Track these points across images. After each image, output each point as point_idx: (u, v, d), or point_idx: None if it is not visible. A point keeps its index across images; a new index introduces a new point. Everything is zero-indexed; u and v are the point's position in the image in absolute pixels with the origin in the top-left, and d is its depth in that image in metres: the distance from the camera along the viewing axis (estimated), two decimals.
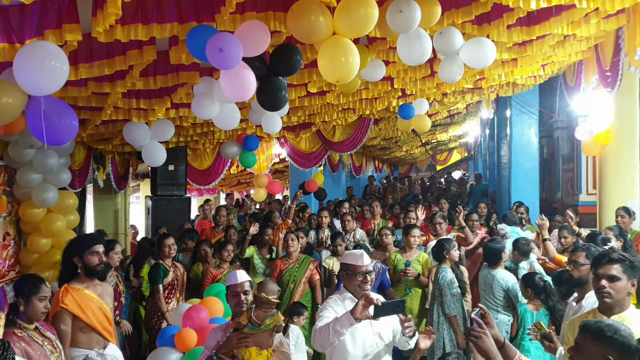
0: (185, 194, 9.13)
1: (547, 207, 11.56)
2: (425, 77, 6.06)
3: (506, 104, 11.24)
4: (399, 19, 3.65)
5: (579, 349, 2.27)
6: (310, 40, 3.46)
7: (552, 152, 12.29)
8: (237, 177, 14.81)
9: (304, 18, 3.25)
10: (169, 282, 5.86)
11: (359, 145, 9.48)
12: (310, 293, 6.13)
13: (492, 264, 5.43)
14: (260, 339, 3.35)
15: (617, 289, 2.82)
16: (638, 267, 2.84)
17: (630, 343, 2.19)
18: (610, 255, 2.87)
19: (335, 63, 3.42)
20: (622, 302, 2.83)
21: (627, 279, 2.81)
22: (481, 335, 2.44)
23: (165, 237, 6.06)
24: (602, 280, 2.85)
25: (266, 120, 5.90)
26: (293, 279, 6.05)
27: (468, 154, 27.57)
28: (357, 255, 3.51)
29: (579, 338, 2.29)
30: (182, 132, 7.45)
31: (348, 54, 3.38)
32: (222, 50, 3.32)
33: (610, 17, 5.12)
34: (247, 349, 3.30)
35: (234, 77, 3.59)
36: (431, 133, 16.77)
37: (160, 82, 4.57)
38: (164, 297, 5.79)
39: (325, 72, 3.50)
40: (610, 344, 2.18)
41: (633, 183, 7.15)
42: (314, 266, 6.15)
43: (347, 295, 3.46)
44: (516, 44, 5.37)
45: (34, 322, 3.33)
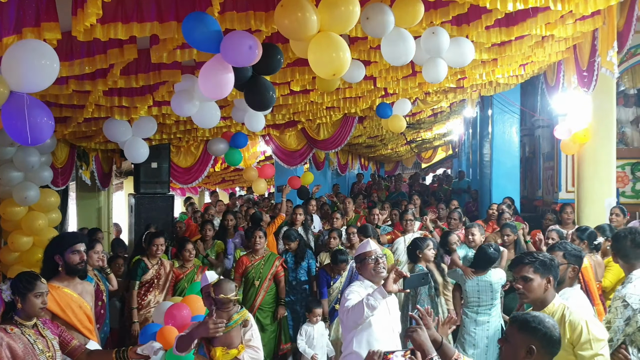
0: (168, 192, 9.10)
1: (528, 204, 11.73)
2: (407, 76, 6.13)
3: (488, 103, 11.37)
4: (368, 25, 3.75)
5: (507, 339, 2.42)
6: (298, 37, 3.50)
7: (533, 151, 12.45)
8: (222, 174, 14.79)
9: (292, 15, 3.29)
10: (148, 280, 5.89)
11: (343, 143, 9.51)
12: (275, 289, 6.20)
13: (482, 268, 5.24)
14: (228, 339, 3.43)
15: (530, 288, 2.99)
16: (551, 264, 3.01)
17: (553, 334, 2.34)
18: (521, 259, 3.07)
19: (327, 58, 3.46)
20: (543, 298, 3.00)
21: (540, 277, 2.98)
22: (416, 330, 2.63)
23: (156, 236, 6.07)
24: (518, 282, 3.04)
25: (249, 118, 5.92)
26: (259, 275, 6.12)
27: (452, 151, 27.76)
28: (365, 244, 4.04)
29: (508, 329, 2.46)
30: (165, 130, 7.44)
31: (339, 49, 3.43)
32: (251, 47, 3.42)
33: (586, 18, 5.23)
34: (214, 348, 3.37)
35: (212, 74, 3.61)
36: (416, 131, 16.87)
37: (141, 80, 4.58)
38: (140, 293, 5.83)
39: (317, 67, 3.53)
40: (534, 334, 2.34)
41: (609, 181, 7.30)
42: (279, 262, 6.22)
43: (367, 284, 3.84)
44: (495, 45, 5.46)
45: (33, 319, 3.33)
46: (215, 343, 3.47)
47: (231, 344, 3.47)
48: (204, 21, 3.35)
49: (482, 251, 5.22)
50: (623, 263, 3.75)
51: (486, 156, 11.95)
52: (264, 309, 6.17)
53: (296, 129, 9.11)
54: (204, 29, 3.34)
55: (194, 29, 3.34)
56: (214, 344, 3.48)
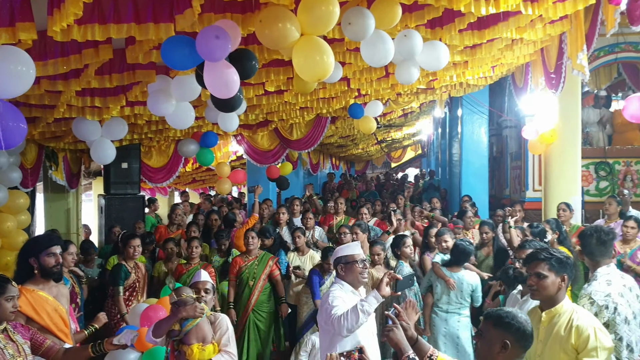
0: (139, 193, 8.99)
1: (495, 203, 11.96)
2: (381, 78, 6.21)
3: (458, 104, 11.56)
4: (350, 30, 3.79)
5: (482, 335, 2.48)
6: (281, 46, 3.52)
7: (501, 150, 12.70)
8: (192, 174, 14.66)
9: (272, 26, 3.31)
10: (130, 284, 5.84)
11: (316, 143, 9.54)
12: (270, 289, 6.19)
13: (457, 264, 5.32)
14: (201, 334, 3.46)
15: (544, 286, 2.98)
16: (566, 262, 2.99)
17: (525, 329, 2.41)
18: (537, 255, 3.03)
19: (311, 63, 3.47)
20: (554, 297, 2.99)
21: (555, 275, 2.96)
22: (392, 329, 2.69)
23: (132, 237, 6.01)
24: (531, 278, 3.02)
25: (222, 118, 5.91)
26: (252, 275, 6.12)
27: (422, 151, 28.10)
28: (354, 246, 3.81)
29: (483, 325, 2.50)
30: (136, 130, 7.36)
31: (323, 52, 3.45)
32: (218, 37, 3.36)
33: (555, 22, 5.39)
34: (190, 346, 3.39)
35: (218, 72, 3.61)
36: (386, 131, 17.03)
37: (115, 80, 4.53)
38: (124, 299, 5.76)
39: (302, 72, 3.54)
40: (507, 329, 2.40)
41: (575, 180, 7.52)
42: (273, 262, 6.22)
43: (347, 288, 3.69)
44: (467, 47, 5.57)
45: (3, 323, 3.26)
46: (188, 341, 3.48)
47: (205, 338, 3.50)
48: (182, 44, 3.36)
49: (457, 246, 5.31)
50: (589, 260, 3.80)
51: (455, 156, 12.15)
52: (258, 310, 6.16)
53: (269, 129, 9.11)
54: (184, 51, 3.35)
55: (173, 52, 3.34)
56: (188, 341, 3.48)
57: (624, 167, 9.47)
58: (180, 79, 4.55)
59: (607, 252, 3.74)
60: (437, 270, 5.27)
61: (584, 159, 8.37)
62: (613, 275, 3.64)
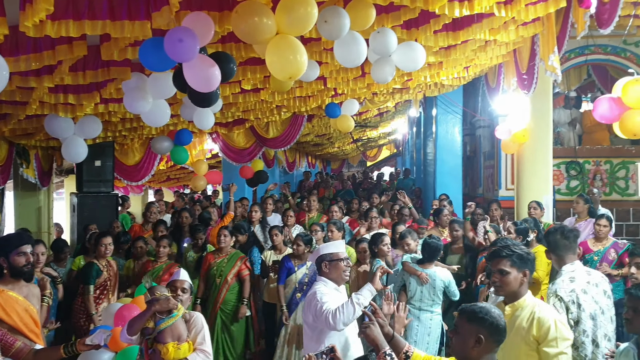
0: (112, 191, 8.89)
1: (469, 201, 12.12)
2: (357, 77, 6.24)
3: (432, 104, 11.68)
4: (325, 28, 3.81)
5: (457, 331, 2.52)
6: (256, 40, 3.52)
7: (474, 150, 12.87)
8: (167, 173, 14.53)
9: (249, 19, 3.30)
10: (101, 283, 5.78)
11: (292, 142, 9.56)
12: (239, 287, 6.17)
13: (429, 261, 5.37)
14: (176, 332, 3.46)
15: (507, 282, 3.05)
16: (527, 258, 3.08)
17: (499, 323, 2.46)
18: (499, 252, 3.12)
19: (284, 61, 3.48)
20: (517, 291, 3.08)
21: (517, 271, 3.05)
22: (369, 326, 2.73)
23: (103, 235, 5.96)
24: (494, 275, 3.11)
25: (198, 116, 5.88)
26: (220, 273, 6.10)
27: (397, 150, 28.30)
28: (339, 244, 3.97)
29: (457, 321, 2.55)
30: (109, 128, 7.28)
31: (296, 52, 3.46)
32: (182, 40, 3.34)
33: (527, 24, 5.49)
34: (165, 345, 3.38)
35: (197, 68, 3.59)
36: (362, 130, 17.12)
37: (90, 77, 4.48)
38: (95, 298, 5.70)
39: (275, 70, 3.55)
40: (481, 324, 2.44)
41: (547, 179, 7.67)
42: (242, 262, 6.19)
43: (331, 285, 3.79)
44: (442, 48, 5.64)
45: None
46: (163, 339, 3.47)
47: (180, 336, 3.49)
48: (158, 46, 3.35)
49: (428, 244, 5.36)
50: (555, 257, 3.92)
51: (430, 155, 12.28)
52: (225, 308, 6.13)
53: (244, 127, 9.09)
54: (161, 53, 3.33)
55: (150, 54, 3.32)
56: (163, 340, 3.47)
57: (594, 166, 9.68)
58: (156, 77, 4.51)
59: (571, 248, 3.83)
60: (408, 267, 5.32)
61: (555, 159, 8.52)
62: (577, 272, 3.73)
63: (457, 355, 2.55)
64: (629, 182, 9.54)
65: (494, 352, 2.49)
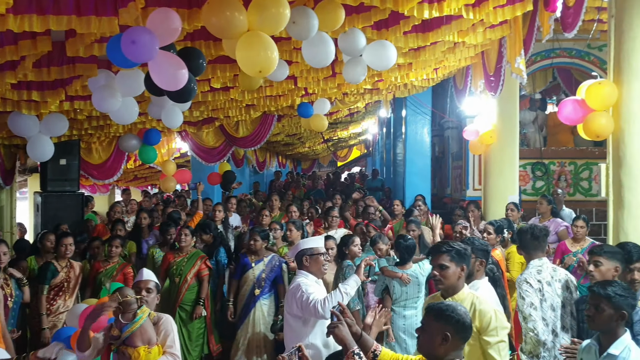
0: (78, 190, 8.71)
1: (437, 201, 12.29)
2: (327, 77, 6.25)
3: (402, 104, 11.77)
4: (294, 29, 3.81)
5: (424, 328, 2.56)
6: (227, 35, 3.49)
7: (443, 150, 13.04)
8: (134, 172, 14.32)
9: (221, 13, 3.27)
10: (57, 284, 5.69)
11: (262, 141, 9.53)
12: (198, 286, 6.12)
13: (402, 263, 5.31)
14: (146, 336, 3.41)
15: (447, 276, 3.18)
16: (465, 254, 3.23)
17: (465, 320, 2.50)
18: (439, 248, 3.26)
19: (254, 56, 3.47)
20: (455, 286, 3.20)
21: (455, 265, 3.18)
22: (337, 325, 2.75)
23: (65, 235, 5.85)
24: (435, 269, 3.24)
25: (166, 114, 5.81)
26: (179, 272, 6.04)
27: (367, 150, 28.45)
28: (318, 240, 4.23)
29: (424, 318, 2.59)
30: (75, 126, 7.13)
31: (267, 48, 3.45)
32: (134, 42, 3.29)
33: (495, 27, 5.58)
34: (136, 349, 3.33)
35: (163, 66, 3.54)
36: (332, 130, 17.15)
37: (54, 73, 4.38)
38: (49, 298, 5.63)
39: (245, 65, 3.54)
40: (448, 322, 2.48)
41: (513, 180, 7.81)
42: (202, 262, 6.14)
43: (312, 278, 4.02)
44: (411, 49, 5.69)
45: None
46: (133, 343, 3.42)
47: (150, 340, 3.44)
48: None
49: (400, 245, 5.35)
50: (525, 254, 4.20)
51: (399, 155, 12.38)
52: (185, 307, 6.07)
53: (214, 126, 9.02)
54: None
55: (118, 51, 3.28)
56: (132, 344, 3.42)
57: (559, 167, 9.90)
58: (124, 74, 4.43)
59: (540, 246, 4.09)
60: (389, 272, 5.27)
61: (521, 160, 8.69)
62: (544, 267, 4.02)
63: (424, 353, 2.57)
64: (592, 183, 9.78)
65: (460, 349, 2.51)
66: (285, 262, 6.12)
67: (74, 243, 5.95)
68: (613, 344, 2.96)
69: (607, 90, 4.49)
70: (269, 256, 6.02)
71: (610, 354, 2.95)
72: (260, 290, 5.83)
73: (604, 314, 2.98)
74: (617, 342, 2.95)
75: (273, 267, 5.96)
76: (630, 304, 2.99)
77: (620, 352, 2.92)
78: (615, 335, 2.98)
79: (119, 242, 6.29)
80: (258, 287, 5.85)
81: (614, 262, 3.71)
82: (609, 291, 2.98)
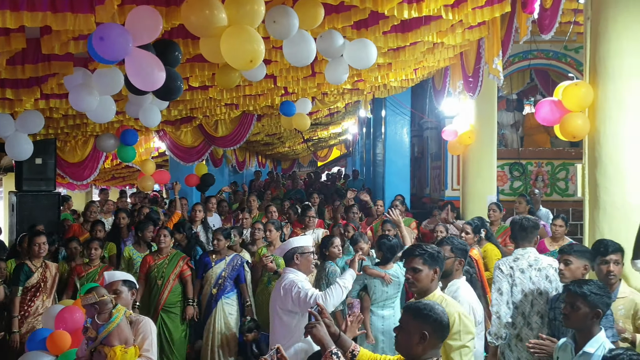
0: (54, 190, 8.58)
1: (416, 201, 12.37)
2: (307, 76, 6.24)
3: (381, 105, 11.80)
4: (274, 28, 3.80)
5: (402, 327, 2.58)
6: (207, 33, 3.47)
7: (422, 151, 13.11)
8: (112, 171, 14.14)
9: (200, 12, 3.25)
10: (34, 284, 5.60)
11: (242, 141, 9.49)
12: (181, 288, 6.07)
13: (384, 263, 5.32)
14: (122, 335, 3.39)
15: (419, 279, 3.22)
16: (438, 257, 3.26)
17: (442, 319, 2.53)
18: (412, 251, 3.30)
19: (240, 50, 3.46)
20: (427, 288, 3.24)
21: (428, 268, 3.21)
22: (315, 326, 2.77)
23: (37, 234, 5.76)
24: (408, 272, 3.28)
25: (144, 113, 5.74)
26: (161, 275, 5.98)
27: (347, 150, 28.50)
28: (307, 238, 4.41)
29: (402, 317, 2.62)
30: (51, 124, 7.02)
31: (253, 39, 3.45)
32: (102, 38, 3.25)
33: (473, 28, 5.62)
34: (112, 348, 3.31)
35: (138, 65, 3.49)
36: (312, 130, 17.15)
37: (29, 71, 4.30)
38: (26, 299, 5.55)
39: (234, 58, 3.52)
40: (425, 320, 2.50)
41: (491, 180, 7.89)
42: (184, 262, 6.10)
43: (302, 276, 4.13)
44: (391, 49, 5.71)
45: None
46: (110, 342, 3.39)
47: (127, 340, 3.42)
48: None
49: (384, 244, 5.34)
50: (514, 244, 4.48)
51: (379, 155, 12.42)
52: (168, 309, 5.99)
53: (192, 125, 8.95)
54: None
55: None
56: (109, 343, 3.39)
57: (536, 167, 10.02)
58: (101, 72, 4.37)
59: (527, 237, 4.34)
60: (371, 271, 5.25)
61: (499, 160, 8.78)
62: (525, 256, 4.28)
63: (402, 352, 2.58)
64: (568, 183, 9.91)
65: (437, 348, 2.54)
66: (247, 262, 6.15)
67: (47, 242, 5.85)
68: (589, 342, 3.00)
69: (583, 92, 4.54)
70: (230, 255, 6.07)
71: (585, 352, 2.99)
72: (218, 290, 5.91)
73: (579, 312, 3.02)
74: (593, 340, 2.99)
75: (234, 266, 6.02)
76: (605, 303, 3.03)
77: (596, 350, 2.95)
78: (591, 334, 3.02)
79: (97, 244, 6.20)
80: (215, 287, 5.92)
81: (583, 261, 3.79)
82: (585, 289, 3.02)
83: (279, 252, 4.46)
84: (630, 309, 3.80)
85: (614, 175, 4.31)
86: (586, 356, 2.98)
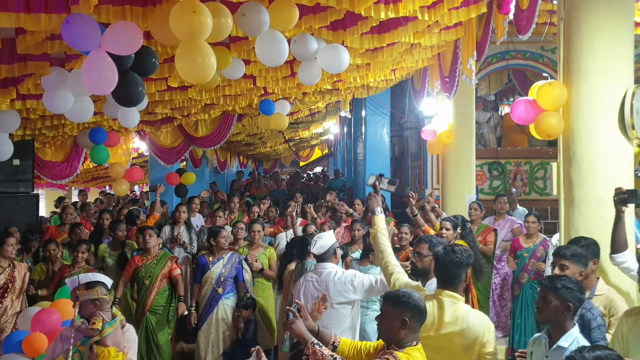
0: (32, 191, 8.49)
1: (397, 201, 12.44)
2: (286, 77, 6.25)
3: (361, 105, 11.87)
4: (243, 22, 3.83)
5: (383, 315, 2.75)
6: (172, 43, 3.50)
7: (402, 150, 13.20)
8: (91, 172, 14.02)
9: (164, 22, 3.27)
10: (1, 285, 5.56)
11: (222, 141, 9.47)
12: (169, 290, 6.03)
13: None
14: (118, 338, 3.42)
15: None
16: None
17: (420, 305, 2.73)
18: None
19: (193, 65, 3.51)
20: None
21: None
22: (294, 321, 2.90)
23: (8, 235, 5.73)
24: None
25: (122, 113, 5.71)
26: (149, 275, 5.93)
27: (329, 150, 28.53)
28: (332, 234, 4.63)
29: (383, 306, 2.79)
30: (29, 125, 6.94)
31: (205, 55, 3.48)
32: (68, 22, 3.24)
33: (450, 29, 5.68)
34: (106, 348, 3.32)
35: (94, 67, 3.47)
36: (294, 130, 17.14)
37: (5, 71, 4.26)
38: None
39: (184, 73, 3.57)
40: (405, 307, 2.69)
41: (470, 179, 7.96)
42: (172, 262, 6.06)
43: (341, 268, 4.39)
44: (369, 50, 5.74)
45: None
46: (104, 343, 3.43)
47: (119, 344, 3.47)
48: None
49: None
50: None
51: (360, 155, 12.49)
52: (155, 310, 5.94)
53: (172, 126, 8.91)
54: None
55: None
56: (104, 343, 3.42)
57: (515, 167, 10.12)
58: (78, 72, 4.34)
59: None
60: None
61: (478, 159, 8.85)
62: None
63: (385, 338, 2.76)
64: (546, 182, 10.03)
65: (416, 332, 2.72)
66: (245, 259, 6.13)
67: (18, 243, 5.83)
68: (562, 336, 3.05)
69: (557, 91, 4.61)
70: (227, 254, 6.01)
71: (559, 346, 3.03)
72: (223, 289, 5.84)
73: (550, 305, 3.05)
74: (566, 335, 3.04)
75: (233, 265, 5.96)
76: (577, 297, 3.05)
77: (569, 344, 2.98)
78: (564, 329, 3.06)
79: (85, 247, 6.14)
80: (219, 286, 5.84)
81: (579, 267, 3.66)
82: (557, 284, 3.07)
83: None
84: (606, 306, 3.87)
85: (588, 173, 4.37)
86: (560, 350, 3.02)
